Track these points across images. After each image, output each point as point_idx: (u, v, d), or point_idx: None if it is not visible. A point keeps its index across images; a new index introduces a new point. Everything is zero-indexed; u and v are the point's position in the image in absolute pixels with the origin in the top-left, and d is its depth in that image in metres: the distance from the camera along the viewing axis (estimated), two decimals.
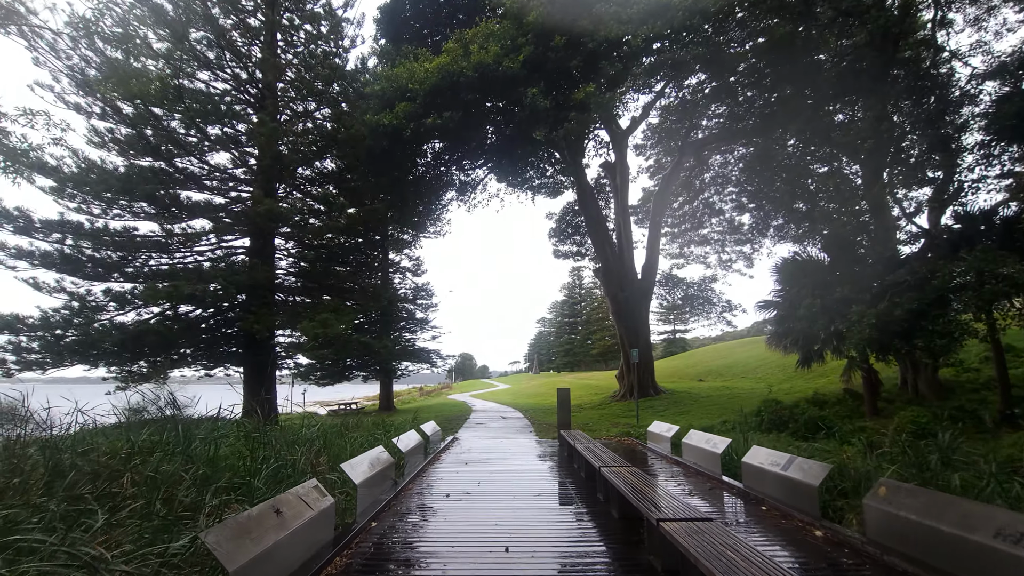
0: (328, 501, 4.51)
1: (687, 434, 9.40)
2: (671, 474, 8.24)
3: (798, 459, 5.95)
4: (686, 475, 8.09)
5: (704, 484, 7.37)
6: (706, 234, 30.63)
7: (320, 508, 4.27)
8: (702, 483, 7.46)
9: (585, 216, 23.84)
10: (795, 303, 13.06)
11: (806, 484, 5.46)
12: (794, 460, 5.99)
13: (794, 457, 6.05)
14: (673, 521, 3.80)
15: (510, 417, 19.59)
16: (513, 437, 13.33)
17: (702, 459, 8.33)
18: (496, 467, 8.82)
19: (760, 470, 6.48)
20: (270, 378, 16.48)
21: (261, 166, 14.57)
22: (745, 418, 14.34)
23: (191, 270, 13.45)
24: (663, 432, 10.54)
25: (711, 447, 8.05)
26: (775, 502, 5.91)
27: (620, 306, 23.34)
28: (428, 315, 30.08)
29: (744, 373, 28.18)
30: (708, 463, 8.06)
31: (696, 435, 9.02)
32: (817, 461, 5.85)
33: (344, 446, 8.82)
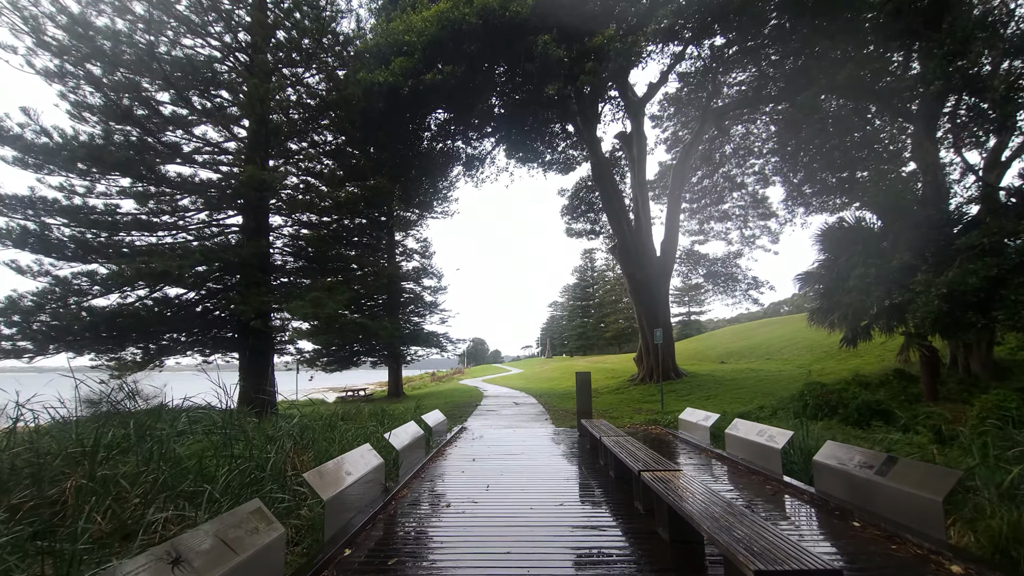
0: (271, 535, 3.18)
1: (731, 424, 7.98)
2: (717, 473, 6.85)
3: (902, 460, 4.52)
4: (736, 473, 6.68)
5: (763, 488, 5.97)
6: (727, 209, 28.86)
7: (257, 547, 2.95)
8: (759, 485, 6.05)
9: (600, 190, 22.22)
10: (843, 274, 11.47)
11: (924, 499, 4.03)
12: (894, 462, 4.56)
13: (894, 457, 4.62)
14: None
15: (523, 403, 18.32)
16: (527, 426, 12.03)
17: (754, 454, 6.92)
18: (509, 464, 7.49)
19: (843, 474, 5.06)
20: (268, 365, 15.33)
21: (249, 132, 13.25)
22: (784, 403, 12.88)
23: (172, 249, 12.23)
24: (699, 420, 9.13)
25: (766, 440, 6.63)
26: (882, 522, 4.48)
27: (638, 285, 21.82)
28: (437, 298, 28.86)
29: (768, 354, 26.58)
30: (762, 460, 6.65)
31: (744, 425, 7.60)
32: (931, 463, 4.42)
33: (334, 439, 7.59)
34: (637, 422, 12.05)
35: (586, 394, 10.36)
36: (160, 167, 13.73)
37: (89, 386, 7.25)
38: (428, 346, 27.18)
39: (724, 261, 25.79)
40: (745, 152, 27.36)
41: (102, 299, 13.44)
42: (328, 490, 4.24)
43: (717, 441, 8.77)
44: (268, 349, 15.06)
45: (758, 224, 26.56)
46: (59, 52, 12.01)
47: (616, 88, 22.49)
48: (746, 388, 18.02)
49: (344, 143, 17.37)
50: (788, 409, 12.07)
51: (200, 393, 8.78)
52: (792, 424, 10.18)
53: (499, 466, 7.35)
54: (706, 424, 8.75)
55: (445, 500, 5.52)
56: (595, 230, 28.52)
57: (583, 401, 10.32)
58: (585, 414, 10.22)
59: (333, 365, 25.20)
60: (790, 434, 6.40)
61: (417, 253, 29.02)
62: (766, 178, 27.38)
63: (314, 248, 17.00)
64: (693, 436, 9.27)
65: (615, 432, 7.67)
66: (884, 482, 4.50)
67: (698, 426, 9.08)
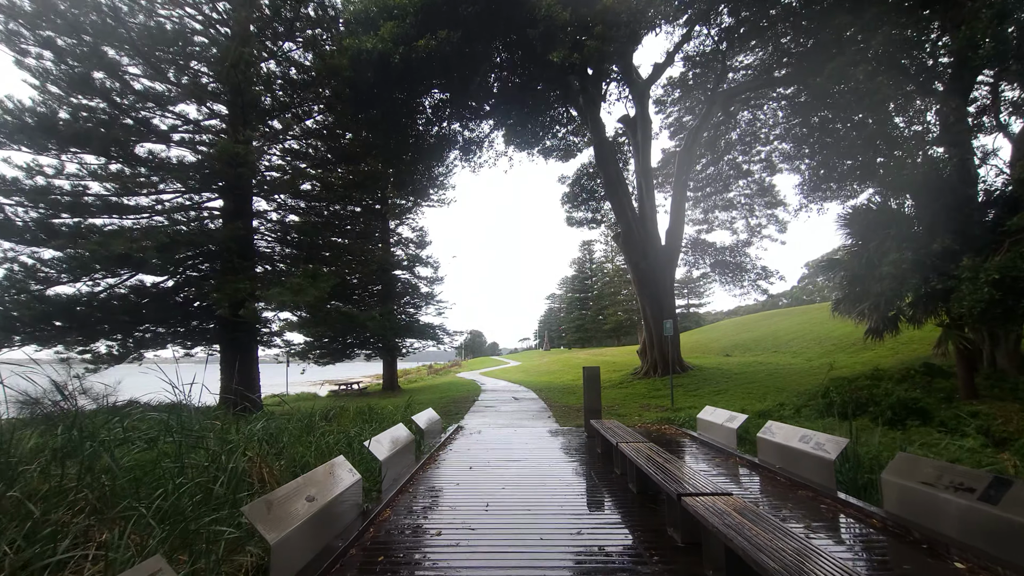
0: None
1: (764, 427, 6.96)
2: (753, 485, 5.83)
3: (1019, 483, 3.50)
4: (777, 486, 5.66)
5: (817, 508, 4.94)
6: (732, 198, 27.80)
7: None
8: (811, 505, 5.03)
9: (603, 176, 21.12)
10: (873, 260, 10.43)
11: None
12: (1007, 486, 3.54)
13: (1006, 479, 3.60)
14: None
15: (523, 398, 17.31)
16: (529, 424, 11.01)
17: (795, 464, 5.90)
18: (510, 474, 6.46)
19: (926, 496, 4.04)
20: (252, 358, 14.25)
21: (227, 106, 12.08)
22: (804, 400, 11.90)
23: (144, 232, 11.09)
24: (723, 421, 8.12)
25: (813, 448, 5.61)
26: (1000, 565, 3.46)
27: (642, 275, 20.79)
28: (433, 289, 27.78)
29: (775, 347, 25.64)
30: (808, 471, 5.64)
31: (781, 429, 6.57)
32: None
33: (312, 444, 6.56)
34: (648, 421, 11.04)
35: (595, 391, 9.33)
36: (133, 145, 12.55)
37: (38, 382, 6.19)
38: (424, 338, 26.14)
39: (732, 250, 24.73)
40: (751, 139, 26.28)
41: (68, 287, 12.32)
42: (278, 528, 3.19)
43: (745, 445, 7.76)
44: (252, 341, 13.98)
45: (765, 213, 25.50)
46: (10, 15, 10.81)
47: (620, 69, 21.34)
48: (757, 383, 17.05)
49: (334, 123, 16.18)
50: (811, 407, 11.09)
51: (165, 390, 7.78)
52: (825, 424, 9.20)
53: (499, 476, 6.31)
54: (731, 426, 7.73)
55: (435, 526, 4.47)
56: (596, 219, 27.44)
57: (591, 398, 9.29)
58: (594, 413, 9.19)
59: (326, 358, 24.18)
60: (844, 442, 5.37)
61: (413, 242, 27.90)
62: (773, 165, 26.32)
63: (304, 235, 15.88)
64: (715, 438, 8.27)
65: (632, 436, 6.64)
66: (995, 512, 3.49)
67: (721, 427, 8.07)
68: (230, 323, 13.29)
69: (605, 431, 7.20)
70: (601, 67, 17.62)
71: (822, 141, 21.08)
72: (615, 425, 7.79)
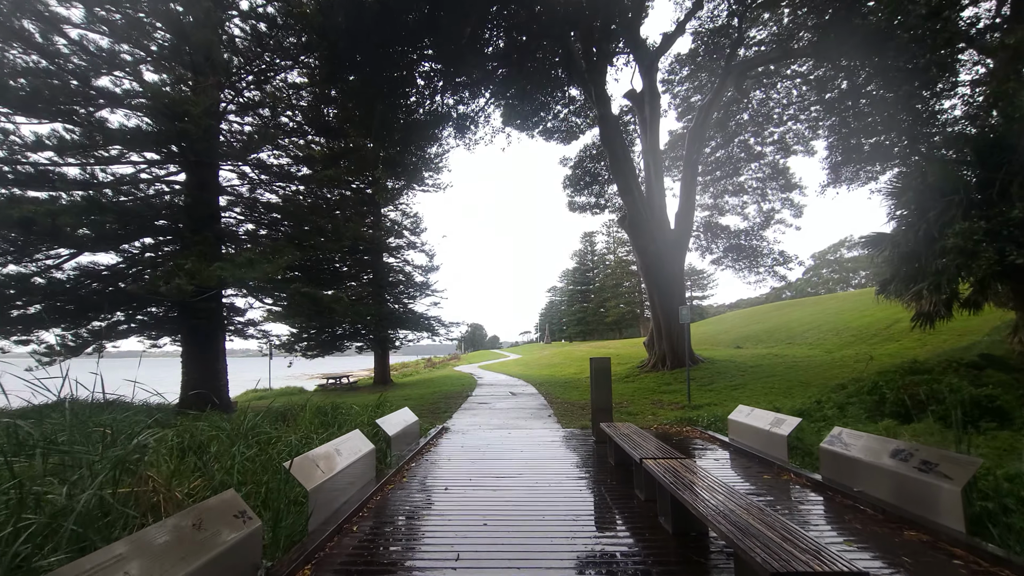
0: None
1: (832, 435, 5.27)
2: (841, 525, 4.15)
3: None
4: (874, 523, 3.99)
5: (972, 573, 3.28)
6: (743, 181, 26.03)
7: None
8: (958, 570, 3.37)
9: (609, 153, 19.35)
10: (933, 232, 8.72)
11: None
12: None
13: None
14: None
15: (521, 393, 15.66)
16: (526, 425, 9.35)
17: (898, 493, 4.23)
18: (498, 500, 4.81)
19: None
20: (217, 350, 12.61)
21: (190, 63, 10.35)
22: (845, 396, 10.21)
23: (53, 199, 9.39)
24: (765, 425, 6.42)
25: (921, 472, 3.93)
26: None
27: (650, 261, 19.07)
28: (428, 278, 26.08)
29: (789, 339, 23.93)
30: (915, 503, 3.96)
31: (858, 440, 4.89)
32: None
33: (241, 457, 4.92)
34: (665, 421, 9.37)
35: (604, 387, 7.66)
36: (81, 110, 10.82)
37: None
38: (418, 330, 24.51)
39: (747, 233, 22.94)
40: (763, 119, 24.51)
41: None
42: None
43: (797, 456, 6.09)
44: (216, 331, 12.33)
45: (779, 196, 23.72)
46: None
47: (627, 40, 19.56)
48: (777, 376, 15.36)
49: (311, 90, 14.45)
50: (854, 403, 9.41)
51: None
52: (885, 427, 7.53)
53: (482, 503, 4.65)
54: (780, 431, 6.04)
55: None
56: (600, 204, 25.69)
57: (601, 396, 7.62)
58: (604, 413, 7.53)
59: (314, 350, 22.57)
60: (973, 464, 3.68)
61: (407, 229, 26.18)
62: (787, 147, 24.57)
63: (291, 220, 14.15)
64: (753, 445, 6.59)
65: (657, 447, 4.97)
66: None
67: (763, 432, 6.39)
68: (189, 310, 11.64)
69: (621, 439, 5.54)
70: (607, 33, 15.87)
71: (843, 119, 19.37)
72: (632, 431, 6.12)
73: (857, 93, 17.40)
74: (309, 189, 16.39)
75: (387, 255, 25.37)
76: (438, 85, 18.13)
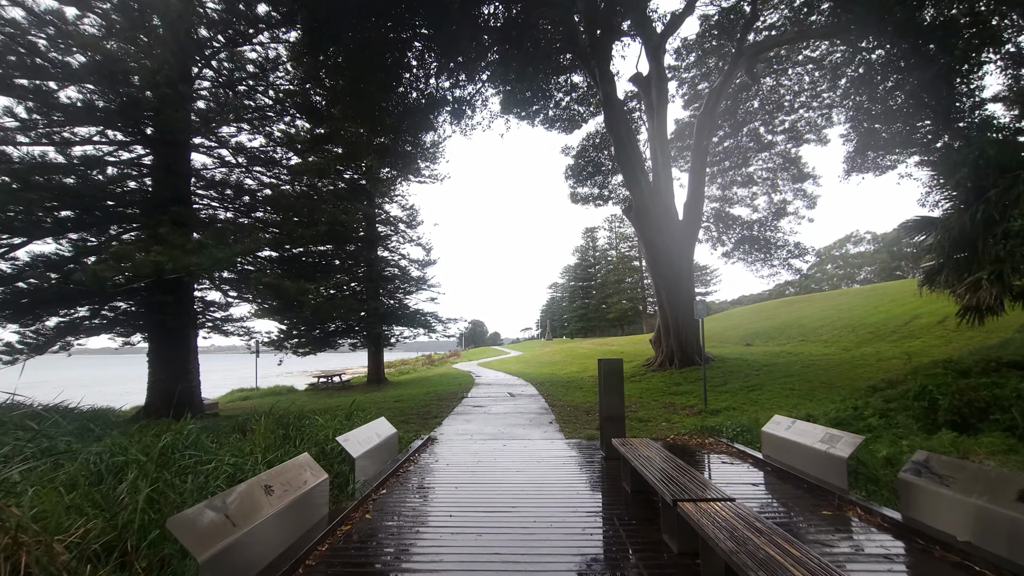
0: None
1: (915, 461, 4.05)
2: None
3: None
4: None
5: None
6: (752, 172, 24.74)
7: None
8: None
9: (614, 139, 18.08)
10: (993, 214, 7.48)
11: None
12: None
13: None
14: None
15: (521, 395, 14.47)
16: (524, 434, 8.15)
17: (1009, 538, 3.03)
18: (484, 553, 3.60)
19: None
20: (187, 348, 11.42)
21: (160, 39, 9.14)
22: (882, 400, 9.00)
23: None
24: (816, 444, 5.19)
25: None
26: None
27: (657, 253, 17.84)
28: (425, 272, 24.87)
29: (802, 336, 22.68)
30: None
31: (956, 470, 3.67)
32: None
33: (146, 489, 3.77)
34: (682, 431, 8.15)
35: (615, 393, 6.45)
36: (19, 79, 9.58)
37: None
38: (413, 326, 23.32)
39: (761, 224, 21.64)
40: (773, 107, 23.25)
41: None
42: None
43: (859, 483, 4.88)
44: (186, 327, 11.13)
45: (791, 187, 22.42)
46: None
47: (633, 20, 18.28)
48: (795, 376, 14.14)
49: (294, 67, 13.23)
50: (897, 409, 8.21)
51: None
52: (947, 441, 6.31)
53: (463, 558, 3.45)
54: (836, 452, 4.80)
55: None
56: (603, 195, 24.43)
57: (611, 403, 6.41)
58: (614, 424, 6.33)
59: (305, 347, 21.39)
60: None
61: (402, 222, 24.95)
62: (799, 135, 23.29)
63: (266, 205, 12.92)
64: (799, 466, 5.37)
65: (696, 482, 3.77)
66: None
67: (811, 452, 5.16)
68: (154, 305, 10.45)
69: (642, 465, 4.34)
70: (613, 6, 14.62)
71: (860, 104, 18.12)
72: (653, 451, 4.92)
73: (877, 75, 16.15)
74: (298, 179, 15.17)
75: (382, 249, 24.17)
76: (432, 68, 16.88)
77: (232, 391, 19.39)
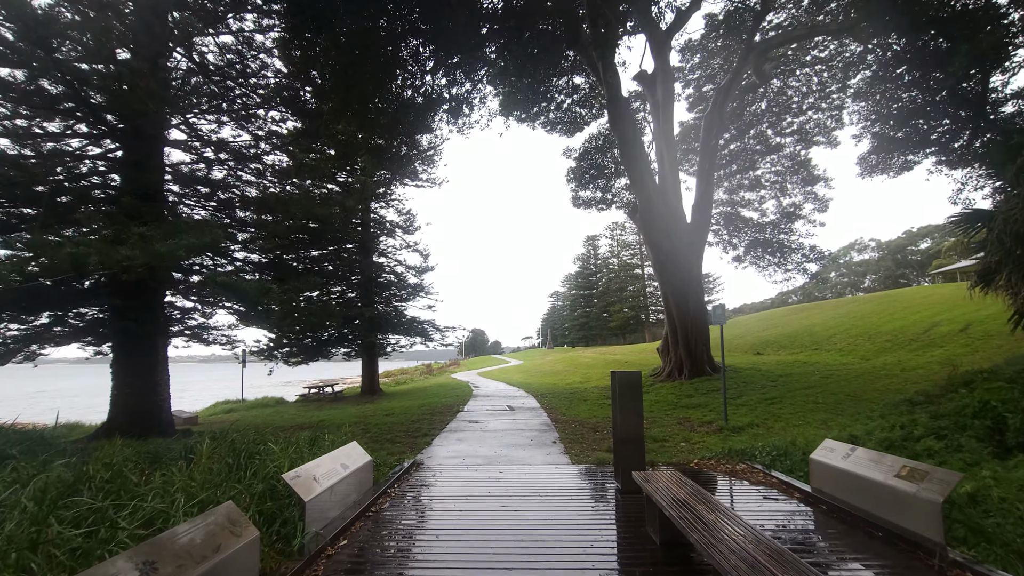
0: None
1: None
2: None
3: None
4: None
5: None
6: (759, 175, 23.78)
7: None
8: None
9: (619, 138, 17.13)
10: None
11: None
12: None
13: None
14: None
15: (521, 408, 13.34)
16: (524, 458, 7.03)
17: None
18: None
19: None
20: (156, 357, 10.33)
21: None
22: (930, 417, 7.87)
23: None
24: (889, 479, 4.07)
25: None
26: None
27: (665, 257, 16.80)
28: (423, 279, 23.83)
29: (814, 344, 21.55)
30: None
31: None
32: None
33: None
34: (708, 455, 7.01)
35: (633, 413, 5.35)
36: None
37: None
38: (410, 335, 22.22)
39: (774, 226, 20.57)
40: (780, 109, 22.38)
41: None
42: None
43: (956, 531, 3.77)
44: (153, 335, 10.06)
45: (802, 190, 21.42)
46: None
47: (637, 13, 17.44)
48: (816, 387, 13.00)
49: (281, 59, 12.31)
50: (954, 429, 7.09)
51: None
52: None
53: None
54: (926, 494, 3.69)
55: None
56: (607, 199, 23.44)
57: (628, 424, 5.31)
58: (632, 450, 5.23)
59: (296, 357, 20.30)
60: None
61: (399, 227, 23.97)
62: (808, 138, 22.36)
63: (260, 211, 11.89)
64: (867, 507, 4.26)
65: (762, 549, 2.68)
66: None
67: (884, 489, 4.05)
68: (117, 309, 9.40)
69: (677, 513, 3.25)
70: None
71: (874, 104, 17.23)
72: (688, 491, 3.82)
73: (892, 71, 15.23)
74: (286, 179, 14.18)
75: (377, 255, 23.16)
76: (427, 64, 15.99)
77: (216, 403, 18.27)
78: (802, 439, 7.01)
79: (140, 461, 5.67)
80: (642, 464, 5.22)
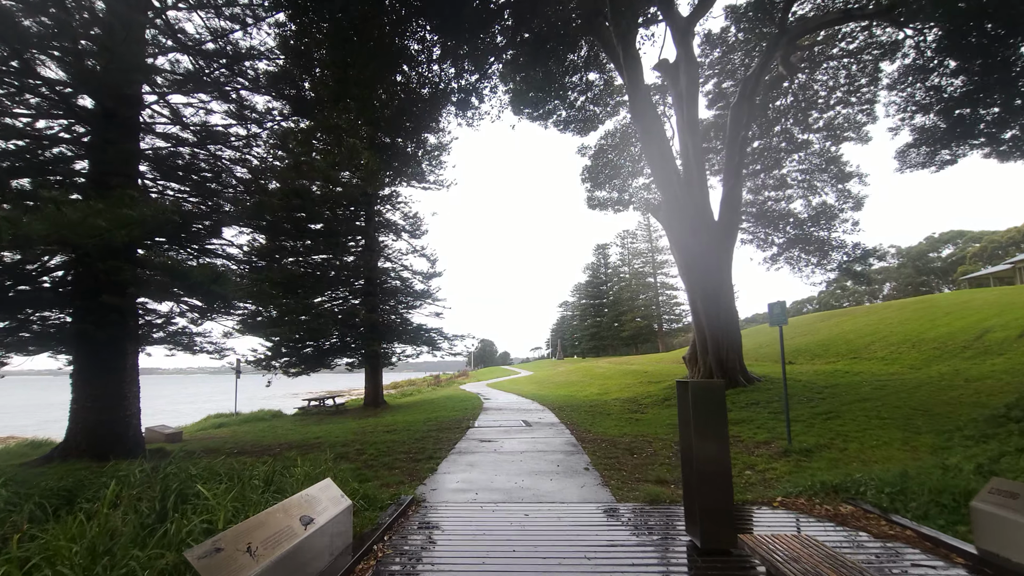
0: None
1: None
2: None
3: None
4: None
5: None
6: (785, 174, 22.22)
7: None
8: None
9: (640, 131, 15.75)
10: None
11: None
12: None
13: None
14: None
15: (538, 423, 11.77)
16: (552, 492, 5.51)
17: None
18: None
19: None
20: (123, 366, 8.95)
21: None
22: None
23: None
24: None
25: None
26: None
27: (692, 258, 15.29)
28: (430, 285, 22.45)
29: (852, 352, 19.77)
30: None
31: None
32: None
33: None
34: (790, 492, 5.42)
35: (717, 441, 3.82)
36: None
37: None
38: (416, 344, 20.79)
39: (814, 220, 18.88)
40: (806, 104, 20.96)
41: None
42: None
43: None
44: (120, 341, 8.69)
45: (834, 188, 19.81)
46: None
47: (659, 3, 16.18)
48: (872, 400, 11.30)
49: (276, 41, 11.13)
50: None
51: None
52: None
53: None
54: None
55: None
56: (623, 199, 22.00)
57: (709, 454, 3.77)
58: (717, 494, 3.70)
59: (296, 367, 18.96)
60: None
61: (405, 231, 22.68)
62: (837, 132, 20.84)
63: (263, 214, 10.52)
64: None
65: None
66: None
67: None
68: (79, 311, 8.07)
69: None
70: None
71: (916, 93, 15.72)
72: (833, 568, 2.31)
73: (932, 59, 13.79)
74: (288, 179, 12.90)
75: (382, 260, 21.86)
76: (436, 53, 14.80)
77: (207, 417, 16.88)
78: (913, 468, 5.42)
79: (54, 497, 4.25)
80: (729, 510, 3.68)
